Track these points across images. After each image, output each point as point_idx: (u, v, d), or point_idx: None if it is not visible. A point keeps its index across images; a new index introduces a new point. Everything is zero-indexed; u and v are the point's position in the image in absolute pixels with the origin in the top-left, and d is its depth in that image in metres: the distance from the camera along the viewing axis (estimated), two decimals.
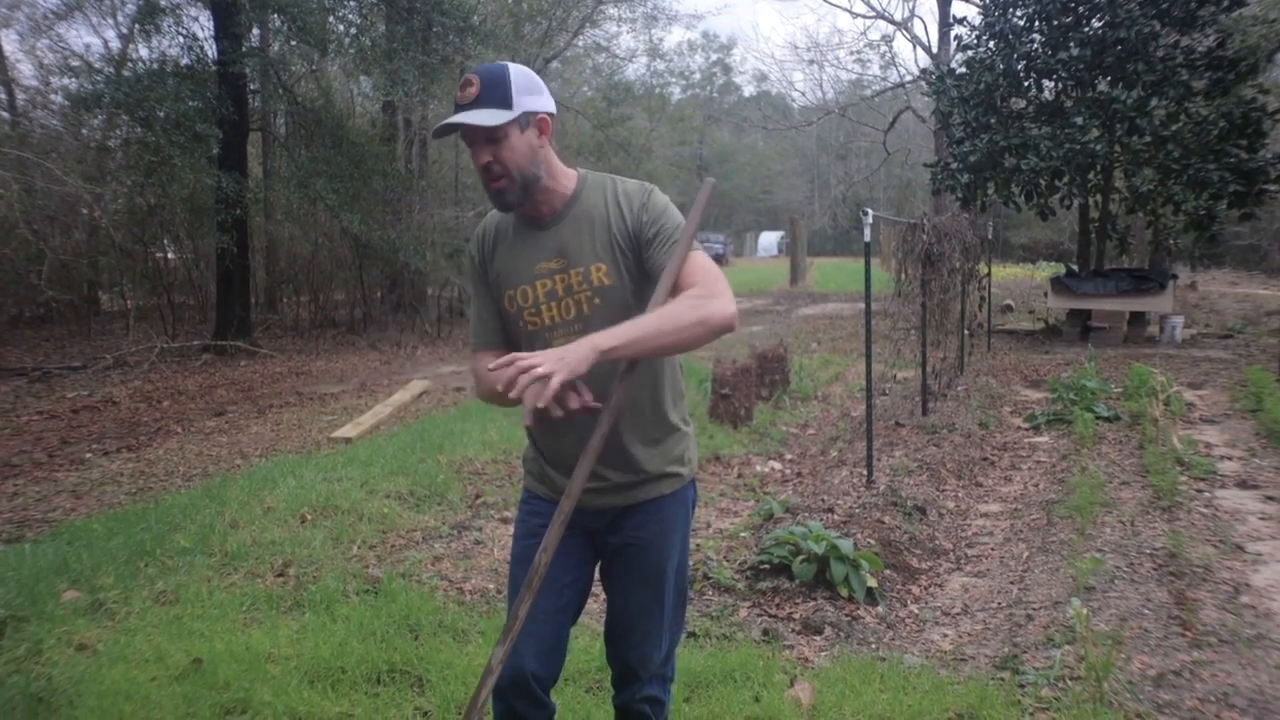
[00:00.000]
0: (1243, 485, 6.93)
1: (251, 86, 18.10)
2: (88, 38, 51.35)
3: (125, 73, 17.20)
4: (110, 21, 22.45)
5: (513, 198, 2.42)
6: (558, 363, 2.12)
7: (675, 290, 2.32)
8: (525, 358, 2.13)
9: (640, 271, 2.45)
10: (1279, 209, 19.36)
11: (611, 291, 2.45)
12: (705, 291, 2.29)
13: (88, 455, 8.85)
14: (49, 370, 13.72)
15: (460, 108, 2.36)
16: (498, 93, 2.34)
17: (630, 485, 2.54)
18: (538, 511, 2.59)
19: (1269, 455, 7.73)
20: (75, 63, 19.03)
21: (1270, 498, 6.57)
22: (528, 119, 2.39)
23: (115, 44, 22.08)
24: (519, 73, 2.39)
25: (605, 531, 2.58)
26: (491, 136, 2.35)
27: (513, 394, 2.12)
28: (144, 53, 19.04)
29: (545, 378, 2.09)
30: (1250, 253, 31.59)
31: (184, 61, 16.35)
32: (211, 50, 16.49)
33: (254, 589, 4.81)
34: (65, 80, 19.17)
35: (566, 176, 2.52)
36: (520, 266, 2.51)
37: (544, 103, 2.42)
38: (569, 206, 2.50)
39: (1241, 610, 4.57)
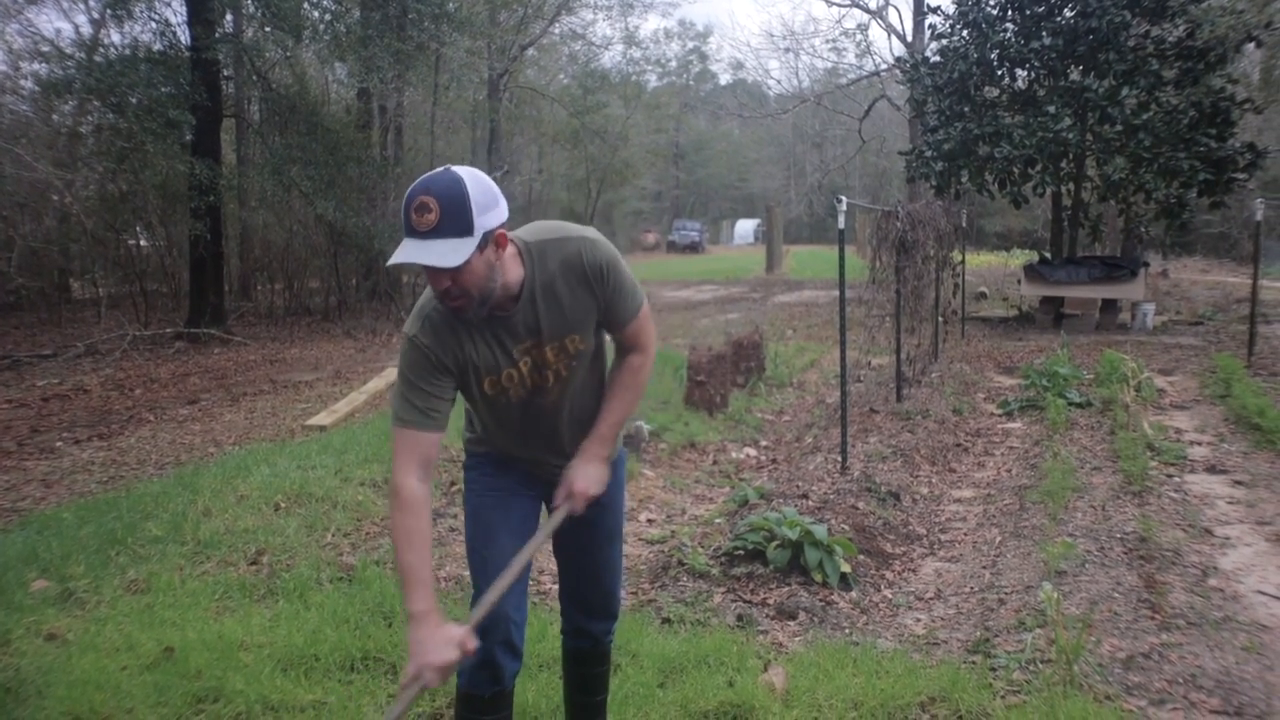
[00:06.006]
0: (1212, 470, 7.00)
1: (225, 73, 17.96)
2: (58, 23, 50.78)
3: (97, 58, 17.03)
4: (81, 6, 22.12)
5: (471, 314, 2.41)
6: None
7: (630, 335, 2.67)
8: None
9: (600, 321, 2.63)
10: (1248, 197, 19.53)
11: (584, 353, 2.61)
12: (650, 351, 2.73)
13: (58, 444, 8.76)
14: (19, 358, 13.57)
15: (418, 233, 2.24)
16: (459, 220, 2.24)
17: None
18: (508, 471, 2.77)
19: (1237, 440, 7.81)
20: (46, 48, 18.79)
21: (1238, 482, 6.65)
22: (486, 239, 2.30)
23: (86, 29, 21.82)
24: (476, 186, 2.28)
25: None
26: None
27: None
28: (116, 38, 18.87)
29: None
30: (1221, 241, 31.90)
31: (156, 47, 16.19)
32: (184, 36, 16.33)
33: (227, 577, 4.79)
34: (35, 65, 18.93)
35: (514, 261, 2.45)
36: (499, 354, 2.52)
37: (499, 214, 2.32)
38: (525, 286, 2.48)
39: (1210, 593, 4.62)
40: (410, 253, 2.24)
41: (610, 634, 3.05)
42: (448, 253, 2.23)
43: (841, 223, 7.03)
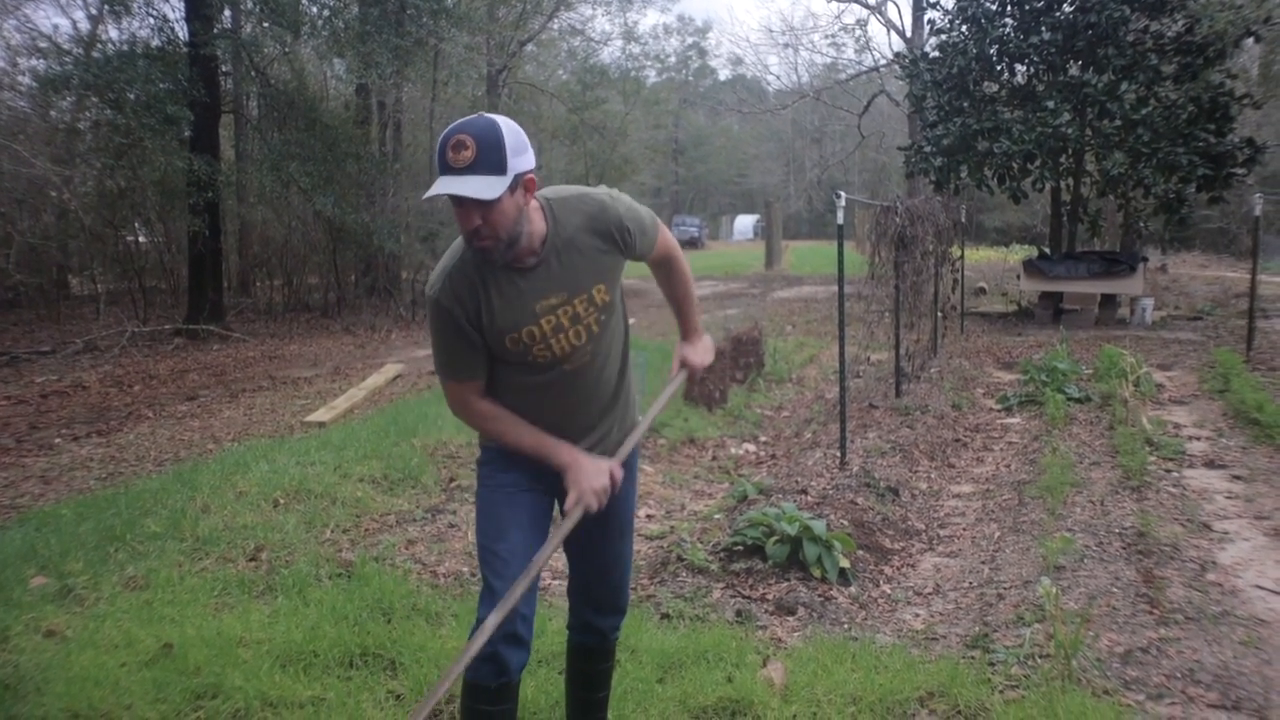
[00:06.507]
0: (1210, 465, 7.00)
1: (223, 69, 17.92)
2: (56, 18, 50.58)
3: (95, 54, 16.98)
4: (79, 2, 22.13)
5: (497, 256, 2.45)
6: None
7: (657, 255, 2.87)
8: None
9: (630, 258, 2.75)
10: (1247, 192, 19.54)
11: (612, 304, 2.66)
12: (678, 252, 2.95)
13: (57, 440, 8.77)
14: (17, 355, 13.56)
15: (453, 170, 2.31)
16: (494, 157, 2.32)
17: (615, 449, 2.83)
18: (520, 466, 2.71)
19: (1236, 435, 7.81)
20: (43, 44, 18.75)
21: (1237, 477, 6.65)
22: (517, 181, 2.37)
23: (84, 25, 21.75)
24: (510, 131, 2.36)
25: None
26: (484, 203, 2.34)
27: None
28: (114, 34, 18.85)
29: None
30: (1220, 235, 31.92)
31: (154, 43, 16.18)
32: (182, 32, 16.31)
33: (225, 574, 4.79)
34: (33, 61, 18.87)
35: (537, 213, 2.52)
36: (520, 310, 2.53)
37: (529, 160, 2.40)
38: (548, 241, 2.53)
39: (1208, 587, 4.63)
40: (446, 186, 2.31)
41: (617, 630, 3.05)
42: (483, 187, 2.30)
43: (840, 218, 7.02)
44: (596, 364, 2.69)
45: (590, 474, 2.58)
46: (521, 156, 2.37)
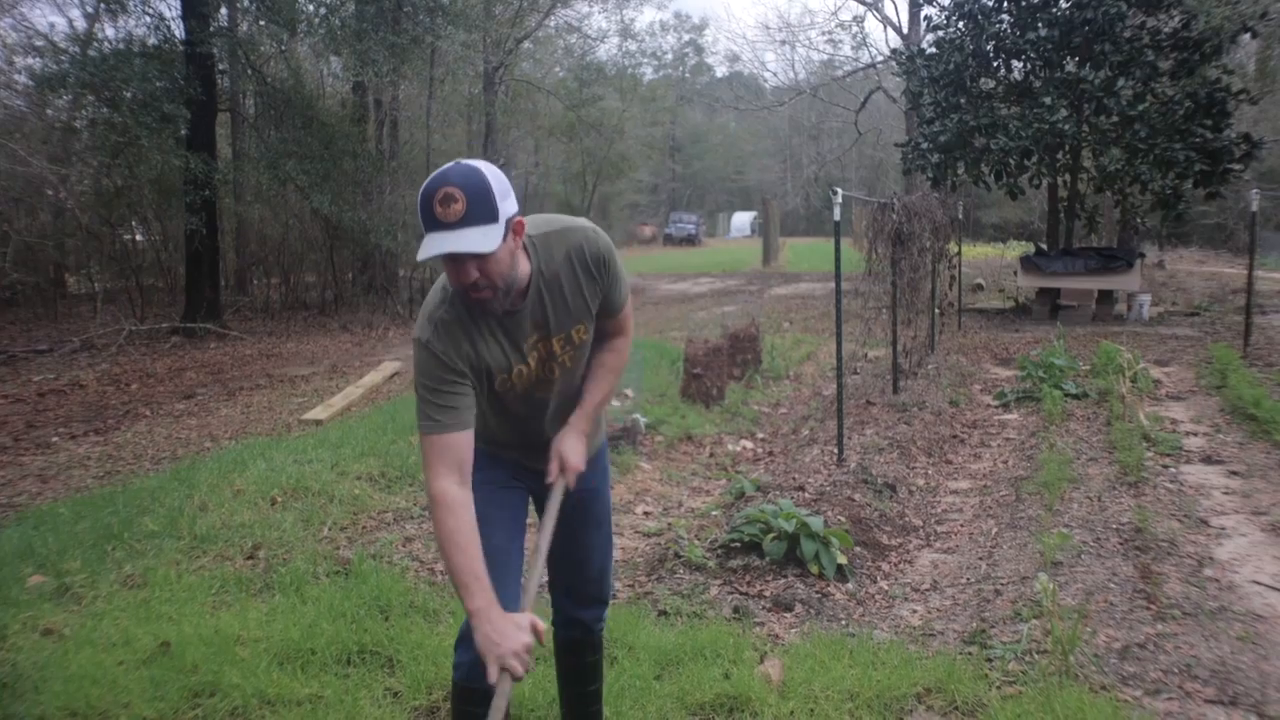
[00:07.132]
0: (1207, 461, 7.00)
1: (220, 67, 17.90)
2: (52, 17, 50.50)
3: (91, 52, 16.94)
4: (75, 0, 22.06)
5: (496, 305, 2.38)
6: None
7: (617, 323, 2.73)
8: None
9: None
10: (1244, 188, 19.56)
11: (587, 343, 2.66)
12: (627, 339, 2.80)
13: (54, 439, 8.75)
14: (14, 353, 13.55)
15: (444, 225, 2.20)
16: (485, 207, 2.22)
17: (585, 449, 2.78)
18: (498, 465, 2.72)
19: (1233, 431, 7.82)
20: (39, 42, 18.73)
21: (1234, 472, 6.65)
22: (508, 226, 2.29)
23: (80, 23, 21.74)
24: (494, 175, 2.28)
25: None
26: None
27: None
28: (110, 32, 18.81)
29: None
30: (1217, 231, 31.95)
31: (151, 41, 16.17)
32: (179, 30, 16.30)
33: (223, 572, 4.79)
34: (29, 60, 18.89)
35: (521, 254, 2.43)
36: (511, 351, 2.51)
37: (514, 202, 2.32)
38: (533, 280, 2.48)
39: (1205, 583, 4.63)
40: (442, 244, 2.20)
41: (601, 621, 3.04)
42: (480, 239, 2.21)
43: (837, 215, 7.02)
44: (563, 389, 2.68)
45: (506, 637, 2.25)
46: (508, 200, 2.28)
